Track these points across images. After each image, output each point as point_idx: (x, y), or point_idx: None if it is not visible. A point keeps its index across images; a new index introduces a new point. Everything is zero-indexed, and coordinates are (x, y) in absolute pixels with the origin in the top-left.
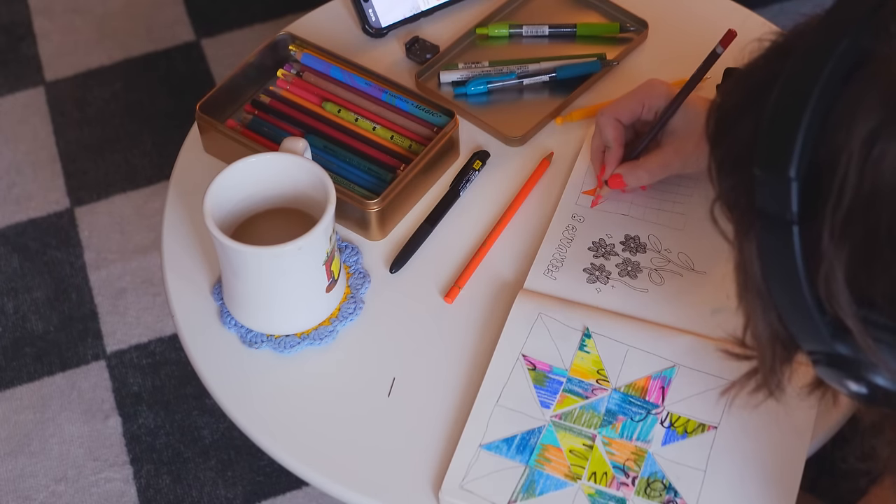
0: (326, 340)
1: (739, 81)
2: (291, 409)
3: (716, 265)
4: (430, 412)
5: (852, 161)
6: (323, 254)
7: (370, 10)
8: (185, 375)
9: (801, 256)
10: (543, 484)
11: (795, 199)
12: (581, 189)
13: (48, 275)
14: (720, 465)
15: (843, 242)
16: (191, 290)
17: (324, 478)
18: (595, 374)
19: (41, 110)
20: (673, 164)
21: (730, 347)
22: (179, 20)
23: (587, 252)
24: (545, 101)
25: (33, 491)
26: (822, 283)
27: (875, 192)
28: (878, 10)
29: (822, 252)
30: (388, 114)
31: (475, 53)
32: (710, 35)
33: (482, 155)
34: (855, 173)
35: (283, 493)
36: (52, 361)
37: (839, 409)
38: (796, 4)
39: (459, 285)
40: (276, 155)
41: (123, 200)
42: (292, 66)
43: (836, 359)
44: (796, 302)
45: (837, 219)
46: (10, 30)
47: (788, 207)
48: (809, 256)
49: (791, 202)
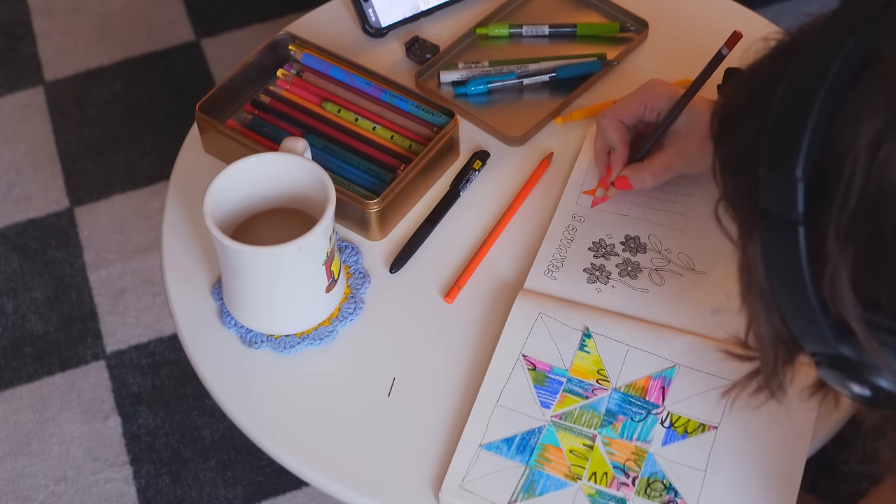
0: (326, 340)
1: (744, 81)
2: (291, 409)
3: (716, 265)
4: (430, 412)
5: (859, 162)
6: (323, 254)
7: (370, 9)
8: (185, 375)
9: (805, 257)
10: (544, 484)
11: (801, 199)
12: (581, 189)
13: (48, 275)
14: (720, 465)
15: (849, 244)
16: (191, 290)
17: (324, 478)
18: (595, 375)
19: (41, 110)
20: (676, 165)
21: (731, 348)
22: (179, 20)
23: (587, 252)
24: (545, 101)
25: (33, 491)
26: (826, 285)
27: (881, 194)
28: (884, 10)
29: (827, 253)
30: (388, 114)
31: (475, 53)
32: (710, 35)
33: (482, 155)
34: (861, 174)
35: (283, 494)
36: (51, 361)
37: (840, 411)
38: (797, 4)
39: (459, 285)
40: (276, 155)
41: (123, 200)
42: (292, 66)
43: (839, 361)
44: (800, 303)
45: (843, 220)
46: (10, 30)
47: (794, 208)
48: (814, 257)
49: (797, 203)
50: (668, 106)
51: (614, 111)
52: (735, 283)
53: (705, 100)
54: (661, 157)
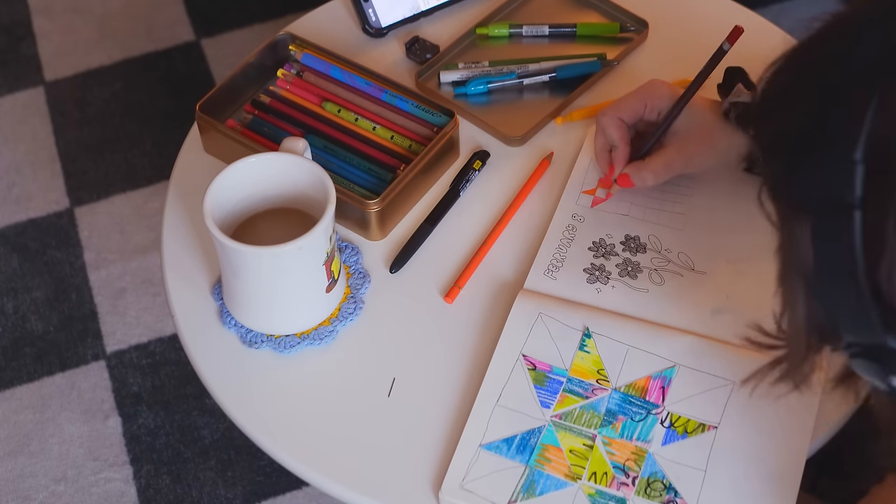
0: (326, 340)
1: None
2: (291, 409)
3: (716, 265)
4: (430, 412)
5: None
6: (323, 254)
7: (370, 9)
8: (185, 375)
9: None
10: (544, 484)
11: (860, 182)
12: (581, 189)
13: (48, 275)
14: (720, 465)
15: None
16: (191, 290)
17: (324, 478)
18: (595, 374)
19: (41, 110)
20: (676, 164)
21: (752, 336)
22: (179, 20)
23: (587, 252)
24: (545, 101)
25: (33, 491)
26: (884, 272)
27: None
28: None
29: (885, 238)
30: (388, 114)
31: (475, 53)
32: (710, 35)
33: (482, 155)
34: None
35: (283, 493)
36: (51, 361)
37: (840, 411)
38: (798, 4)
39: (459, 285)
40: (276, 155)
41: (123, 200)
42: (292, 66)
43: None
44: (850, 290)
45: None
46: (10, 30)
47: (851, 191)
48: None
49: (855, 185)
50: (668, 105)
51: (615, 109)
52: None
53: (705, 99)
54: (661, 155)
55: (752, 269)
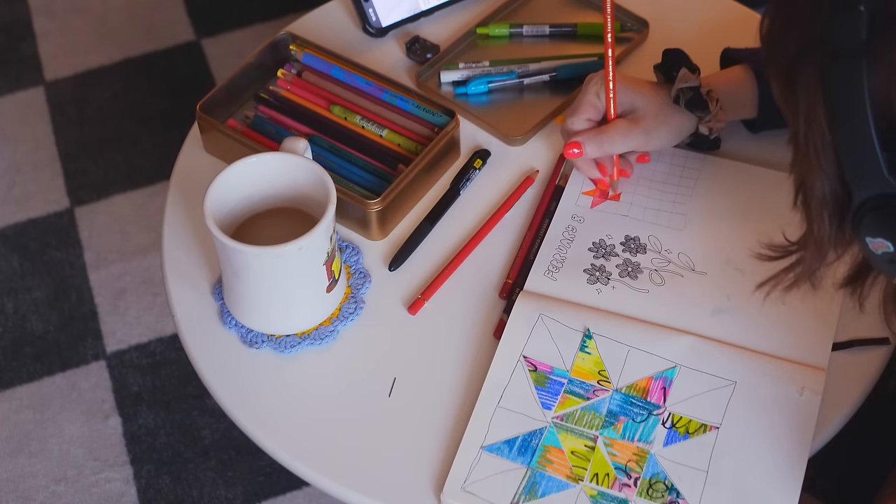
0: (327, 340)
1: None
2: (292, 410)
3: (716, 265)
4: (432, 413)
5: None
6: (323, 254)
7: (370, 9)
8: (185, 375)
9: (868, 87)
10: (545, 486)
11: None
12: (581, 189)
13: (48, 275)
14: (722, 465)
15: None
16: (191, 290)
17: (324, 478)
18: (596, 375)
19: (41, 110)
20: (634, 134)
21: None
22: (179, 20)
23: (587, 253)
24: (546, 101)
25: (33, 491)
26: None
27: None
28: None
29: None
30: (389, 114)
31: (476, 53)
32: (710, 35)
33: (483, 153)
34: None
35: (283, 494)
36: (51, 361)
37: (841, 411)
38: None
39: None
40: (277, 155)
41: (123, 200)
42: (293, 66)
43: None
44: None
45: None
46: (10, 30)
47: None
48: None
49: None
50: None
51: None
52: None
53: (649, 84)
54: (616, 123)
55: (752, 269)
